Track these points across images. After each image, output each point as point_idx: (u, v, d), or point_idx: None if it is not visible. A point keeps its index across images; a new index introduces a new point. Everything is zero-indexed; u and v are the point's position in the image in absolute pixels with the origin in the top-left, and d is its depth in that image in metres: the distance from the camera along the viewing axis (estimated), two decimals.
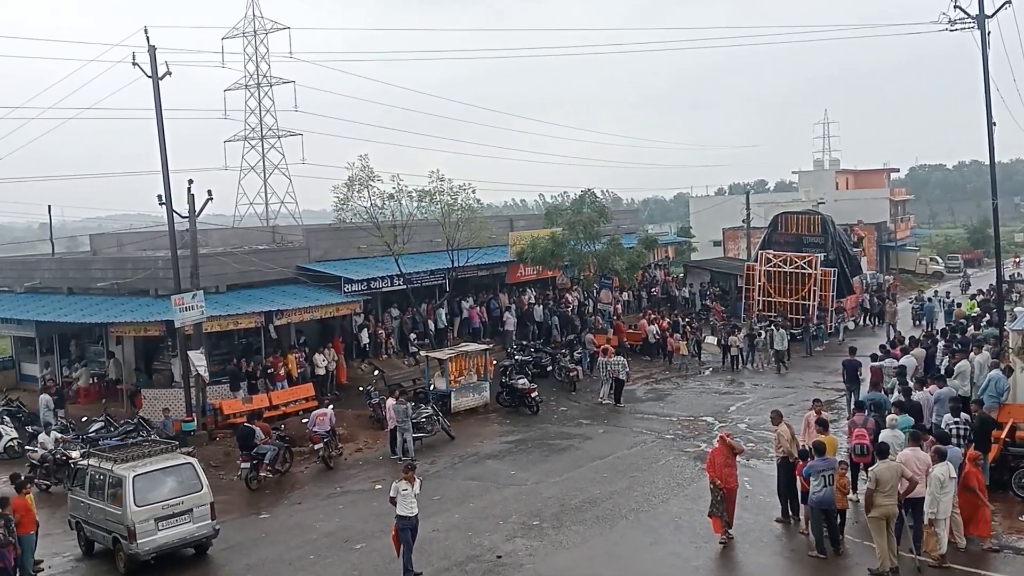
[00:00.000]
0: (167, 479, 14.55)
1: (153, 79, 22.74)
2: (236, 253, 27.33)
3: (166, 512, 14.25)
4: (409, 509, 13.18)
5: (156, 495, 14.30)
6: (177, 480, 14.61)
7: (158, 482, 14.44)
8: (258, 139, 67.88)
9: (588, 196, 33.06)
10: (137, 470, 14.38)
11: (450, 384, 24.06)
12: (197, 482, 14.76)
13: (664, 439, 20.87)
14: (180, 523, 14.38)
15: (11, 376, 30.21)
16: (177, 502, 14.38)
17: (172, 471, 14.71)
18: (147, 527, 14.01)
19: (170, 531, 14.26)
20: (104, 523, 14.70)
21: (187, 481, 14.68)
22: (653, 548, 14.05)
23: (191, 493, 14.57)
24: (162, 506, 14.23)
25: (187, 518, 14.46)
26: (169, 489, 14.46)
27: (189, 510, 14.48)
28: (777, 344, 29.00)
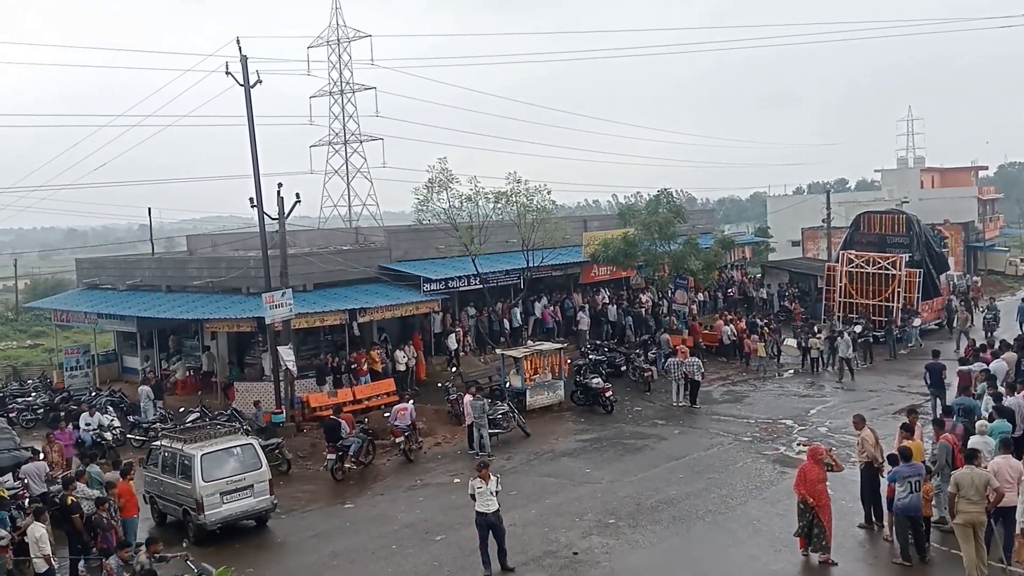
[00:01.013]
0: (231, 458, 15.99)
1: (245, 87, 23.77)
2: (322, 253, 28.29)
3: (230, 487, 15.67)
4: (485, 506, 13.47)
5: (221, 472, 15.71)
6: (239, 459, 16.03)
7: (223, 460, 15.88)
8: (341, 144, 69.58)
9: (664, 196, 32.92)
10: (205, 449, 15.82)
11: (525, 382, 24.42)
12: (257, 461, 16.18)
13: (741, 441, 20.71)
14: (242, 497, 15.82)
15: (114, 369, 31.89)
16: (240, 478, 15.81)
17: (235, 451, 16.15)
18: (213, 500, 15.45)
19: (233, 504, 15.70)
20: (175, 497, 16.17)
21: (248, 460, 16.12)
22: (730, 550, 13.98)
23: (252, 471, 16.01)
24: (226, 482, 15.65)
25: (248, 493, 15.89)
26: (232, 467, 15.88)
27: (250, 486, 15.91)
28: (841, 351, 27.85)
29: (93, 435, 21.46)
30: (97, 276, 33.40)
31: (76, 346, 32.86)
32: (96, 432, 21.60)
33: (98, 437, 21.42)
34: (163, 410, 24.44)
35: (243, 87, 23.76)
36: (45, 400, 27.35)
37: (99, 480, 15.76)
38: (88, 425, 21.83)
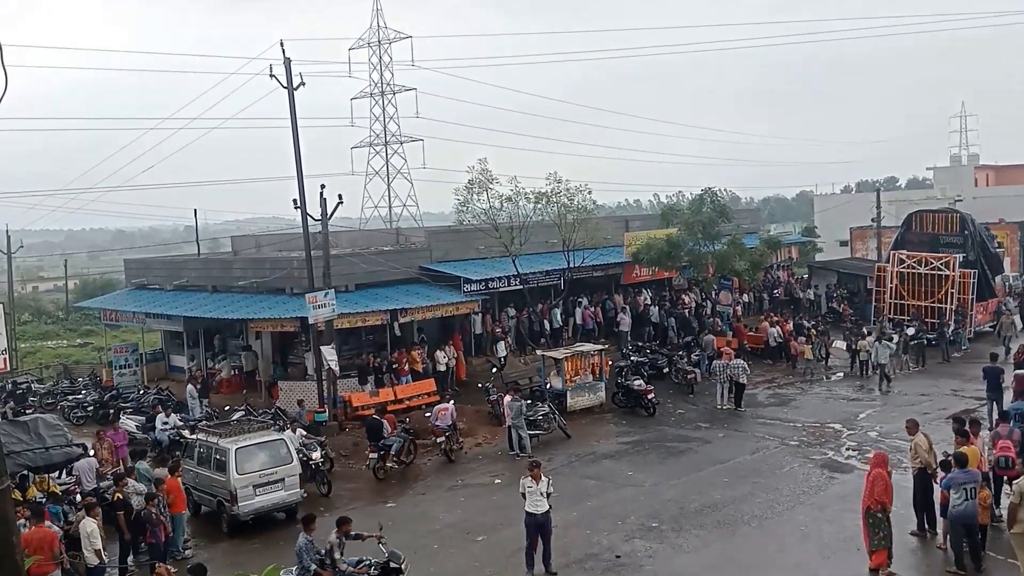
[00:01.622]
0: (263, 452, 16.57)
1: (288, 90, 23.98)
2: (363, 254, 28.46)
3: (262, 480, 16.27)
4: (535, 506, 13.38)
5: (254, 465, 16.28)
6: (271, 453, 16.62)
7: (256, 454, 16.45)
8: (382, 145, 70.06)
9: (708, 195, 32.50)
10: (239, 444, 16.39)
11: (566, 383, 24.27)
12: (288, 455, 16.77)
13: (788, 445, 20.33)
14: (274, 490, 16.40)
15: (161, 367, 32.47)
16: (271, 472, 16.39)
17: (267, 445, 16.74)
18: (246, 492, 16.06)
19: (265, 497, 16.31)
20: (210, 488, 16.73)
21: (279, 454, 16.71)
22: (778, 557, 13.75)
23: (283, 465, 16.59)
24: (259, 475, 16.25)
25: (279, 486, 16.48)
26: (265, 460, 16.47)
27: (281, 479, 16.49)
28: (880, 357, 26.50)
29: (171, 434, 21.38)
30: (145, 276, 34.05)
31: (125, 345, 33.50)
32: (175, 431, 21.42)
33: (177, 435, 21.05)
34: (209, 408, 24.78)
35: (287, 89, 23.98)
36: (95, 397, 27.90)
37: (148, 476, 16.04)
38: (166, 424, 21.85)
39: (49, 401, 28.80)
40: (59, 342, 51.25)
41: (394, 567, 11.85)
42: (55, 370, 36.89)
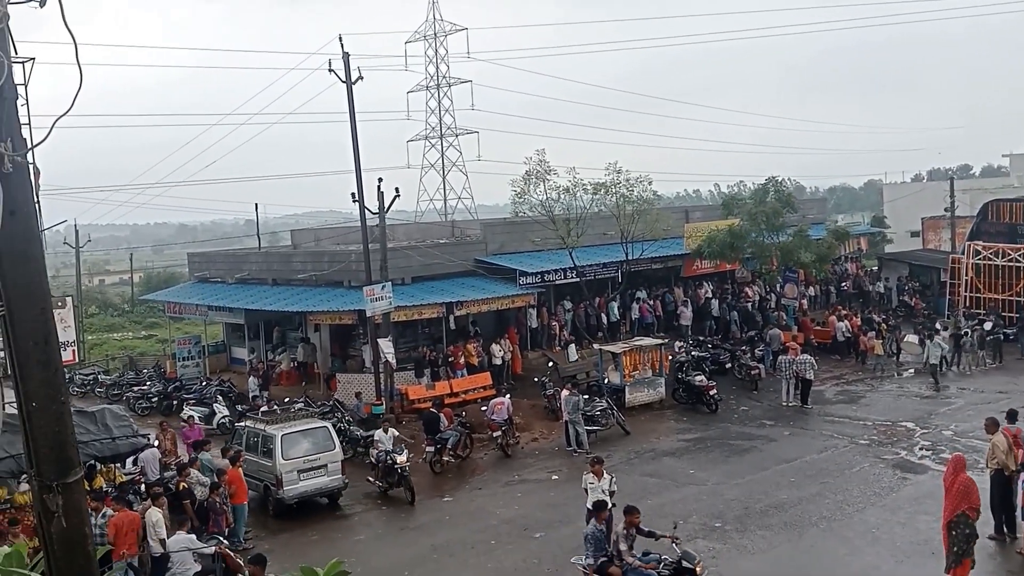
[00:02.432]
0: (307, 439, 17.12)
1: (347, 84, 24.02)
2: (419, 247, 28.45)
3: (306, 465, 16.78)
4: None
5: (299, 451, 16.82)
6: (315, 440, 17.17)
7: (300, 441, 17.03)
8: (437, 138, 70.22)
9: (772, 184, 31.63)
10: (284, 430, 16.97)
11: (624, 378, 23.87)
12: (331, 443, 17.38)
13: (858, 444, 19.64)
14: (317, 475, 16.89)
15: (223, 359, 33.01)
16: (315, 458, 16.90)
17: (311, 432, 17.33)
18: (291, 477, 16.57)
19: (309, 482, 16.78)
20: (257, 473, 17.04)
21: (323, 441, 17.28)
22: (847, 559, 13.27)
23: (326, 451, 17.12)
24: (303, 460, 16.76)
25: (323, 472, 16.97)
26: (309, 447, 16.99)
27: (324, 465, 16.99)
28: (931, 357, 25.39)
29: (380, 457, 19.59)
30: (207, 270, 34.61)
31: (188, 337, 34.16)
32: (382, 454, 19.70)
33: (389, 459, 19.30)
34: (268, 400, 25.01)
35: (345, 84, 24.02)
36: (159, 389, 28.54)
37: (211, 467, 16.17)
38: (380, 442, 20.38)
39: (115, 392, 29.52)
40: (125, 334, 52.72)
41: (687, 567, 11.25)
42: (121, 362, 37.88)
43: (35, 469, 4.31)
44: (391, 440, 18.14)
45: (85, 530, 4.52)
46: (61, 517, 4.30)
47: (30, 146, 4.11)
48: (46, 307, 4.29)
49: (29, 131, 4.13)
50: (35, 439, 4.28)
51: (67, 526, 4.34)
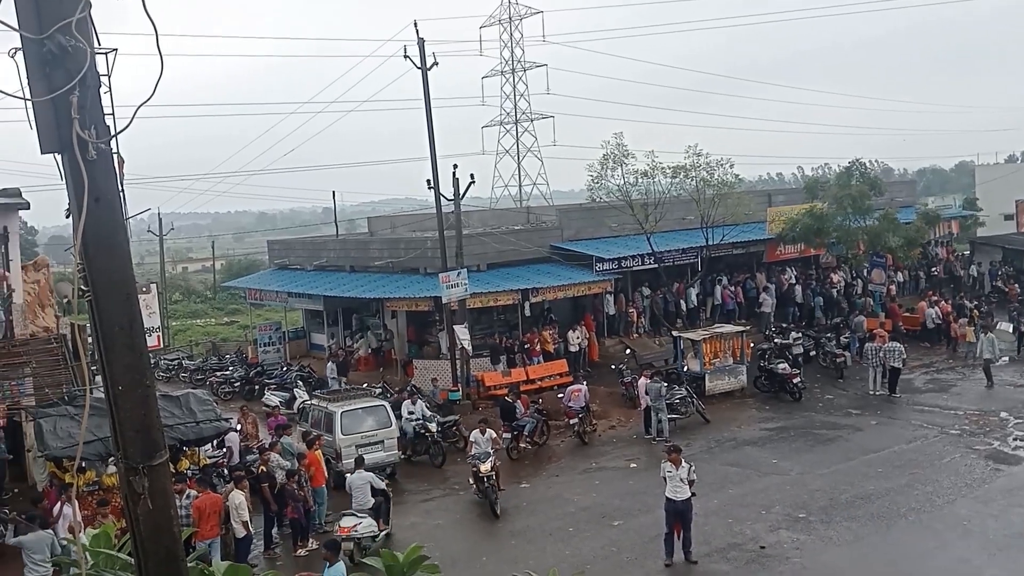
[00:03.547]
0: (366, 416, 18.12)
1: (422, 70, 24.12)
2: (495, 233, 28.43)
3: (364, 441, 17.65)
4: (675, 492, 12.98)
5: (357, 427, 17.83)
6: (374, 418, 18.14)
7: (359, 418, 18.04)
8: (512, 123, 70.08)
9: (857, 167, 30.51)
10: (344, 408, 18.08)
11: (704, 366, 23.42)
12: (388, 420, 18.23)
13: (948, 434, 18.96)
14: (374, 451, 17.62)
15: (302, 345, 33.70)
16: (372, 434, 17.86)
17: (370, 411, 18.33)
18: (350, 451, 17.23)
19: (368, 456, 17.02)
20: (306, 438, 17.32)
21: (381, 419, 18.20)
22: (937, 553, 12.91)
23: (383, 428, 18.05)
24: (361, 436, 17.69)
25: (380, 447, 17.83)
26: (367, 424, 17.98)
27: (381, 441, 17.88)
28: (985, 352, 23.73)
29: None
30: (286, 257, 35.37)
31: (269, 323, 34.99)
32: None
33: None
34: (347, 385, 25.42)
35: (420, 70, 24.11)
36: (241, 374, 29.26)
37: (291, 451, 16.49)
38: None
39: (199, 377, 30.42)
40: (207, 320, 54.41)
41: None
42: (204, 347, 39.04)
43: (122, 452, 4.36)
44: (488, 442, 16.70)
45: (171, 512, 4.56)
46: (147, 499, 4.34)
47: (113, 133, 4.13)
48: (131, 293, 4.33)
49: (112, 119, 4.16)
50: (121, 422, 4.33)
51: (153, 508, 4.38)
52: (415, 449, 19.50)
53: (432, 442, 19.25)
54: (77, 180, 4.00)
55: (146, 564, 4.45)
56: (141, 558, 4.47)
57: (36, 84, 3.94)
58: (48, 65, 3.92)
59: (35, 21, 3.89)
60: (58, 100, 3.93)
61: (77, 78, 3.93)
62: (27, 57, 3.92)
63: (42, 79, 3.94)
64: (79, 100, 3.93)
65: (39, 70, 3.93)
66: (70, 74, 3.92)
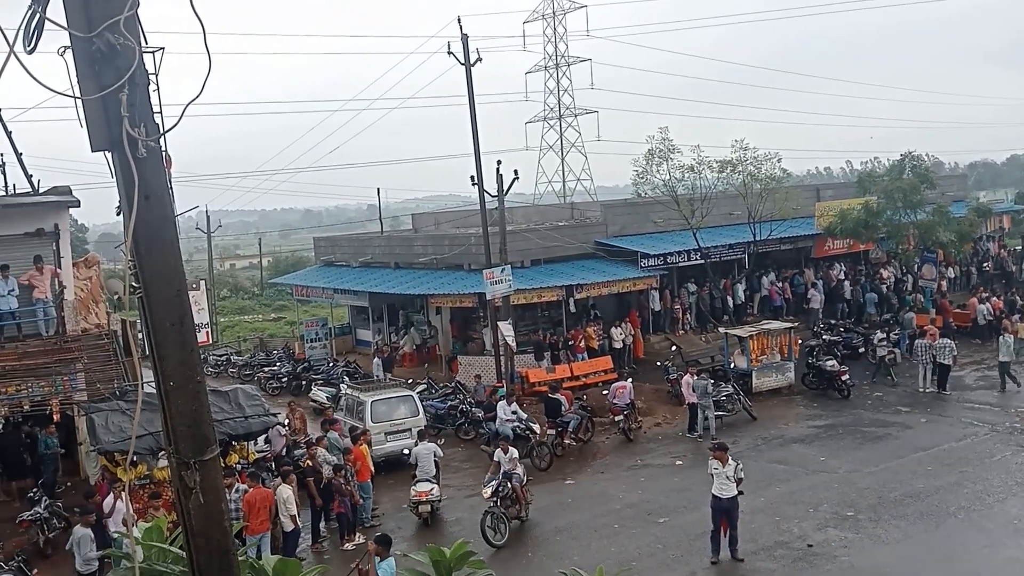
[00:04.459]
0: (396, 405, 19.20)
1: (466, 66, 24.11)
2: (539, 229, 28.39)
3: (393, 428, 18.79)
4: (721, 490, 12.86)
5: (386, 415, 18.92)
6: (403, 407, 19.22)
7: (389, 406, 19.12)
8: (556, 119, 69.88)
9: (909, 160, 29.83)
10: (374, 397, 19.25)
11: (751, 363, 23.10)
12: (416, 409, 19.26)
13: (999, 432, 18.55)
14: (402, 438, 18.64)
15: (348, 341, 34.06)
16: (400, 422, 18.88)
17: (399, 400, 19.47)
18: (379, 438, 18.36)
19: (394, 443, 18.59)
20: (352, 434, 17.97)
21: (409, 408, 19.24)
22: (987, 551, 12.67)
23: (411, 417, 19.02)
24: (390, 424, 18.81)
25: (407, 435, 18.59)
26: (396, 412, 19.05)
27: (408, 429, 18.74)
28: (1002, 354, 22.60)
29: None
30: (332, 254, 35.76)
31: (315, 319, 35.40)
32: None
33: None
34: (392, 381, 25.58)
35: (464, 66, 24.12)
36: (288, 369, 29.62)
37: (338, 446, 16.64)
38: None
39: (247, 372, 30.87)
40: (255, 316, 55.18)
41: None
42: (252, 343, 39.59)
43: (173, 447, 4.43)
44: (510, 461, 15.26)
45: (222, 506, 4.63)
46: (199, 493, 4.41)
47: (162, 131, 4.19)
48: (181, 289, 4.39)
49: (161, 118, 4.22)
50: (173, 417, 4.40)
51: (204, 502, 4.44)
52: None
53: (538, 443, 18.44)
54: (127, 178, 4.06)
55: (197, 557, 4.52)
56: (192, 551, 4.54)
57: (86, 82, 4.00)
58: (97, 63, 3.97)
59: (84, 20, 3.94)
60: (107, 98, 3.99)
61: (126, 76, 3.98)
62: (76, 56, 3.98)
63: (91, 77, 3.99)
64: (128, 98, 3.99)
65: (88, 68, 3.99)
66: (119, 72, 3.98)
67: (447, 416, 21.68)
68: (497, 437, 18.07)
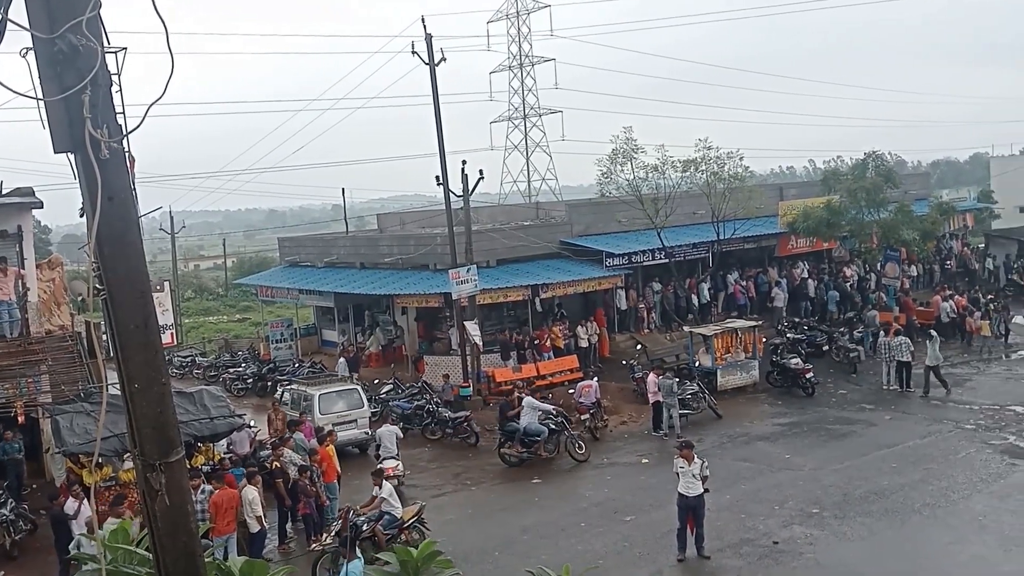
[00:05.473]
0: (341, 398, 20.06)
1: (430, 66, 24.09)
2: (504, 229, 28.41)
3: (340, 420, 19.43)
4: (687, 488, 12.95)
5: (333, 408, 19.75)
6: (347, 399, 20.07)
7: (335, 399, 19.95)
8: (521, 119, 69.93)
9: (872, 158, 30.30)
10: (322, 390, 20.05)
11: (716, 361, 23.35)
12: (361, 402, 20.23)
13: (964, 429, 18.85)
14: (349, 429, 19.51)
15: (314, 342, 33.80)
16: (347, 414, 19.76)
17: (344, 393, 20.34)
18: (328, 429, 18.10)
19: (342, 434, 18.83)
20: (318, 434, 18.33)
21: (354, 400, 20.14)
22: (952, 548, 12.81)
23: (356, 409, 20.01)
24: (337, 416, 19.49)
25: (353, 426, 19.73)
26: (342, 405, 19.91)
27: (354, 420, 19.79)
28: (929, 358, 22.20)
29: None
30: (297, 254, 35.46)
31: (280, 320, 35.08)
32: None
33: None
34: (359, 382, 25.44)
35: (428, 66, 24.09)
36: (254, 370, 29.34)
37: (304, 447, 16.53)
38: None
39: (212, 374, 30.54)
40: (219, 317, 54.55)
41: None
42: (217, 344, 39.16)
43: (138, 448, 4.40)
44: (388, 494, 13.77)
45: (188, 508, 4.63)
46: (164, 495, 4.40)
47: (125, 132, 4.15)
48: (145, 291, 4.36)
49: (123, 119, 4.18)
50: (138, 419, 4.37)
51: (170, 504, 4.43)
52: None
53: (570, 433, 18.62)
54: (90, 179, 4.02)
55: (164, 559, 4.50)
56: (159, 553, 4.51)
57: (48, 84, 3.95)
58: (59, 65, 3.93)
59: (46, 21, 3.89)
60: (70, 99, 3.95)
61: (88, 77, 3.94)
62: (38, 57, 3.94)
63: (54, 79, 3.95)
64: (91, 99, 3.95)
65: (50, 70, 3.94)
66: (81, 73, 3.94)
67: (413, 416, 21.58)
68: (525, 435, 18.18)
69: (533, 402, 18.74)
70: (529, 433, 18.24)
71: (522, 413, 18.57)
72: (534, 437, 18.30)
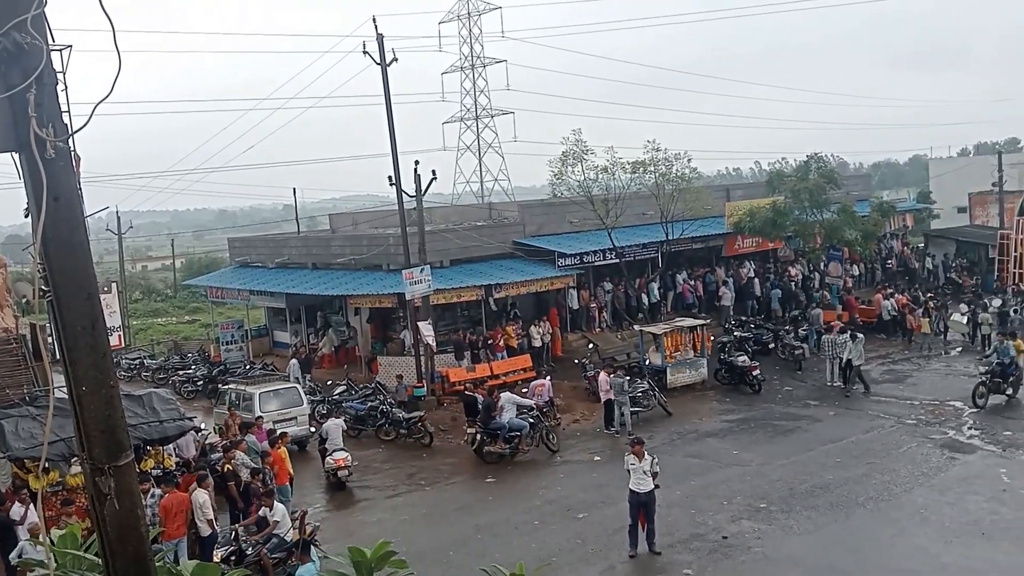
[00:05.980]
0: (280, 396, 20.63)
1: (382, 66, 23.96)
2: (457, 230, 28.40)
3: (280, 417, 19.91)
4: (638, 484, 13.10)
5: (273, 406, 20.19)
6: (286, 397, 20.70)
7: (274, 398, 20.48)
8: (473, 119, 69.95)
9: (814, 160, 31.01)
10: (261, 389, 20.57)
11: (666, 359, 23.67)
12: (299, 399, 20.84)
13: (905, 424, 19.32)
14: (288, 426, 19.61)
15: (265, 343, 33.39)
16: (286, 411, 20.27)
17: (283, 391, 20.95)
18: (268, 427, 18.60)
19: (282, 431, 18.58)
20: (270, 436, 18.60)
21: (293, 398, 20.76)
22: (895, 540, 13.11)
23: (295, 407, 20.58)
24: (277, 413, 19.99)
25: (293, 423, 20.10)
26: (281, 403, 20.44)
27: (294, 418, 20.31)
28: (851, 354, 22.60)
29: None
30: (247, 254, 34.98)
31: (230, 321, 34.56)
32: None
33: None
34: (312, 383, 25.23)
35: (380, 66, 23.97)
36: (204, 372, 28.87)
37: (256, 449, 16.36)
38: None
39: (161, 376, 29.98)
40: (168, 319, 53.53)
41: None
42: (166, 346, 38.46)
43: (87, 452, 4.35)
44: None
45: (138, 512, 4.57)
46: (114, 499, 4.35)
47: (71, 132, 4.10)
48: (92, 292, 4.31)
49: (69, 118, 4.14)
50: (86, 423, 4.32)
51: (119, 508, 4.38)
52: None
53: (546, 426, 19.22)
54: (35, 179, 3.97)
55: (114, 564, 4.45)
56: (109, 558, 4.46)
57: None
58: (3, 63, 3.88)
59: None
60: (14, 98, 3.90)
61: (34, 76, 3.90)
62: None
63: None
64: (36, 98, 3.90)
65: None
66: (26, 72, 3.89)
67: (367, 417, 21.49)
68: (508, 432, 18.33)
69: (512, 397, 19.18)
70: (512, 428, 18.43)
71: (502, 409, 18.75)
72: (516, 432, 18.48)
